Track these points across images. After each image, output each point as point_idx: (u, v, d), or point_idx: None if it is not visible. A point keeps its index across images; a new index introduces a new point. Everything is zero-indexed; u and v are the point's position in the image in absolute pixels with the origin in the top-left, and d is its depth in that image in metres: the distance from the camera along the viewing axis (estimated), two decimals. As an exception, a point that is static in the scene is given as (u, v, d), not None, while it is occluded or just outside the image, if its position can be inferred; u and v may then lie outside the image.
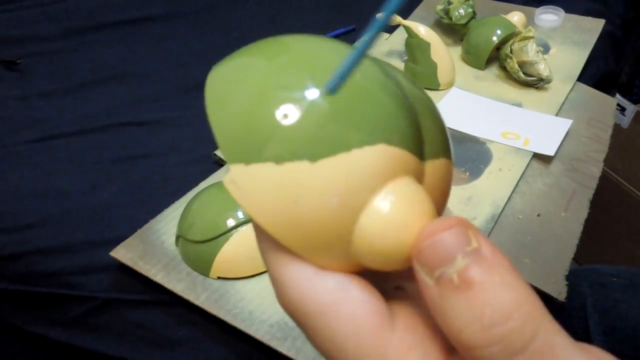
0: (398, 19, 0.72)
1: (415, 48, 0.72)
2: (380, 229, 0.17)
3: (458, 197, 0.58)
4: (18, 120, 0.70)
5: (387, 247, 0.17)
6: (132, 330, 0.49)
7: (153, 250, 0.51)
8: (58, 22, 0.88)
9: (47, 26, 0.87)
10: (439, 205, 0.21)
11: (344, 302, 0.18)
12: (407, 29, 0.71)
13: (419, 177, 0.19)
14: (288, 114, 0.17)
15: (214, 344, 0.47)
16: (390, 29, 0.85)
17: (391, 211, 0.17)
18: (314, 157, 0.17)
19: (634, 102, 1.13)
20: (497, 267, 0.16)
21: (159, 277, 0.49)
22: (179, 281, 0.49)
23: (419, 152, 0.19)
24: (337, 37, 0.86)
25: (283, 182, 0.17)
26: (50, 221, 0.56)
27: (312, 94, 0.17)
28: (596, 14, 0.87)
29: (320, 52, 0.19)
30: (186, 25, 0.90)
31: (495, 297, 0.16)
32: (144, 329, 0.49)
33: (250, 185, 0.17)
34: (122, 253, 0.51)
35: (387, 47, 0.82)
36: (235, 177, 0.17)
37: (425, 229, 0.17)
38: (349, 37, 0.86)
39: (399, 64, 0.78)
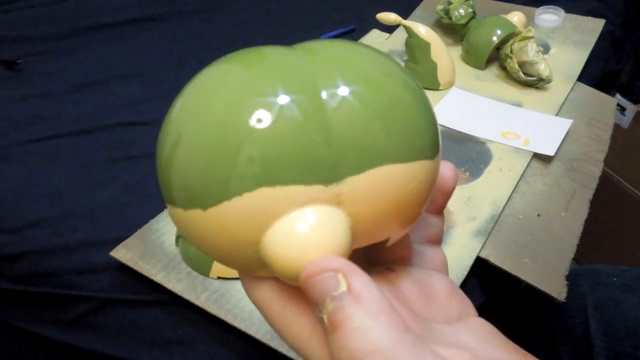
0: (398, 18, 0.72)
1: (415, 48, 0.72)
2: (272, 262, 0.19)
3: (458, 197, 0.58)
4: (18, 120, 0.70)
5: (283, 277, 0.19)
6: (132, 330, 0.49)
7: (153, 250, 0.51)
8: (58, 22, 0.88)
9: (47, 26, 0.87)
10: (389, 211, 0.20)
11: (276, 301, 0.21)
12: (407, 29, 0.71)
13: (331, 200, 0.19)
14: (179, 166, 0.20)
15: (214, 344, 0.47)
16: (390, 29, 0.85)
17: (277, 248, 0.19)
18: (204, 206, 0.19)
19: (634, 102, 1.13)
20: (360, 311, 0.18)
21: (159, 277, 0.49)
22: (179, 281, 0.49)
23: (323, 177, 0.19)
24: (337, 37, 0.86)
25: (190, 224, 0.20)
26: (50, 221, 0.56)
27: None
28: (596, 14, 0.87)
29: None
30: (186, 25, 0.90)
31: (350, 343, 0.17)
32: (144, 329, 0.49)
33: (175, 221, 0.21)
34: (122, 253, 0.51)
35: (387, 47, 0.82)
36: (170, 212, 0.21)
37: (305, 272, 0.18)
38: (348, 37, 0.86)
39: (399, 64, 0.78)
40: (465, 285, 0.50)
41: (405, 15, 0.76)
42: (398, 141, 0.20)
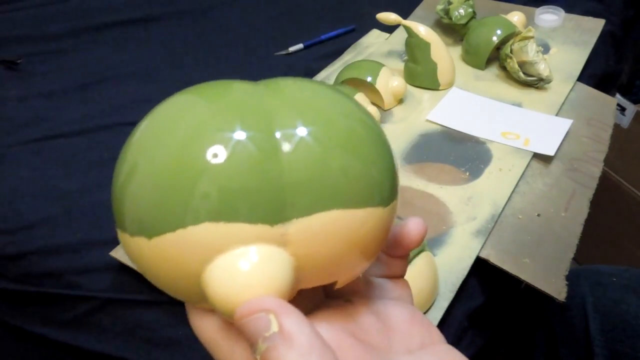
0: (398, 18, 0.72)
1: (415, 48, 0.72)
2: (211, 296, 0.19)
3: (458, 197, 0.58)
4: (18, 120, 0.70)
5: (222, 312, 0.19)
6: (132, 330, 0.49)
7: (153, 250, 0.51)
8: (58, 22, 0.88)
9: (47, 26, 0.87)
10: (337, 255, 0.20)
11: (224, 340, 0.22)
12: (407, 29, 0.71)
13: (276, 240, 0.19)
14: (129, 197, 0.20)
15: (214, 344, 0.47)
16: (390, 29, 0.85)
17: (216, 283, 0.19)
18: (149, 235, 0.19)
19: (634, 102, 1.13)
20: (291, 352, 0.18)
21: (160, 287, 0.49)
22: (179, 281, 0.49)
23: (269, 217, 0.19)
24: (337, 37, 0.86)
25: (135, 251, 0.20)
26: (50, 221, 0.56)
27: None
28: (596, 14, 0.87)
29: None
30: (186, 25, 0.90)
31: None
32: (144, 329, 0.49)
33: (123, 246, 0.21)
34: (122, 253, 0.51)
35: (387, 47, 0.82)
36: (118, 235, 0.22)
37: (239, 310, 0.19)
38: (348, 37, 0.86)
39: (399, 64, 0.78)
40: (465, 285, 0.50)
41: (405, 15, 0.76)
42: (349, 187, 0.20)
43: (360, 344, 0.21)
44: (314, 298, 0.24)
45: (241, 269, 0.19)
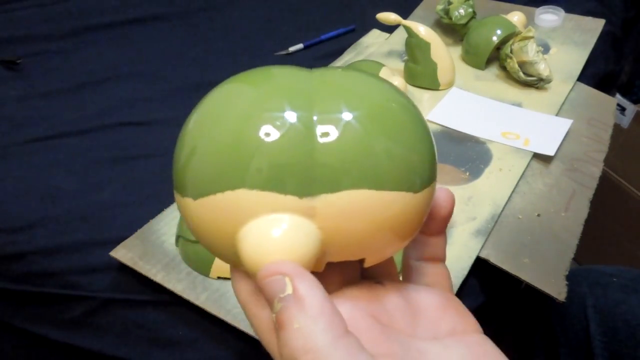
0: (398, 18, 0.72)
1: (415, 48, 0.72)
2: (242, 258, 0.21)
3: (458, 197, 0.58)
4: (18, 120, 0.70)
5: (251, 272, 0.21)
6: (132, 330, 0.49)
7: (153, 250, 0.51)
8: (58, 22, 0.88)
9: (47, 26, 0.87)
10: (361, 233, 0.21)
11: (252, 304, 0.23)
12: (407, 29, 0.71)
13: (304, 212, 0.21)
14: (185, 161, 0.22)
15: (214, 344, 0.47)
16: (390, 29, 0.85)
17: (245, 245, 0.21)
18: (195, 196, 0.22)
19: (634, 102, 1.13)
20: (301, 313, 0.19)
21: (159, 277, 0.49)
22: (179, 281, 0.49)
23: (298, 189, 0.21)
24: (337, 37, 0.86)
25: (184, 210, 0.23)
26: (50, 221, 0.56)
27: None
28: (596, 14, 0.87)
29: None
30: (186, 25, 0.90)
31: (290, 342, 0.19)
32: (144, 329, 0.49)
33: (179, 205, 0.23)
34: (122, 253, 0.51)
35: (387, 47, 0.82)
36: (175, 196, 0.23)
37: (260, 272, 0.20)
38: (348, 37, 0.86)
39: (399, 64, 0.78)
40: (465, 285, 0.50)
41: (405, 15, 0.76)
42: (379, 169, 0.21)
43: (379, 326, 0.22)
44: (348, 275, 0.25)
45: (269, 233, 0.20)
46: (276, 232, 0.20)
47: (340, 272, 0.24)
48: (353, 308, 0.22)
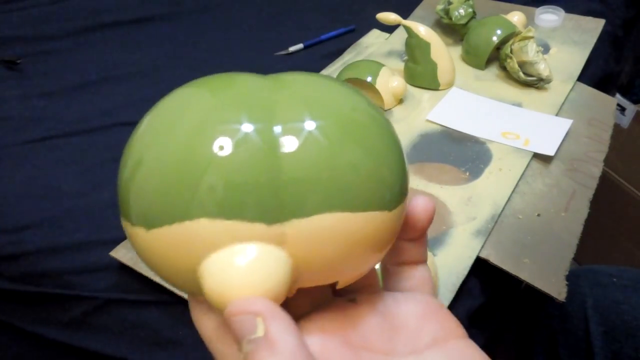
0: (398, 18, 0.72)
1: (415, 48, 0.72)
2: (205, 291, 0.19)
3: (458, 197, 0.58)
4: (18, 120, 0.70)
5: (216, 307, 0.19)
6: (132, 330, 0.49)
7: (153, 250, 0.51)
8: (58, 22, 0.88)
9: (47, 26, 0.87)
10: (336, 257, 0.20)
11: (217, 341, 0.21)
12: (407, 29, 0.71)
13: (273, 239, 0.19)
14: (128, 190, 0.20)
15: (214, 344, 0.47)
16: (390, 29, 0.85)
17: (210, 278, 0.19)
18: (148, 227, 0.19)
19: (634, 102, 1.13)
20: (273, 358, 0.18)
21: (159, 277, 0.49)
22: (179, 281, 0.49)
23: (267, 216, 0.19)
24: (337, 37, 0.86)
25: (135, 240, 0.20)
26: (50, 221, 0.56)
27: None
28: (596, 14, 0.87)
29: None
30: (186, 25, 0.90)
31: None
32: (144, 329, 0.49)
33: (126, 234, 0.21)
34: (122, 253, 0.51)
35: (387, 47, 0.82)
36: (122, 224, 0.21)
37: (228, 308, 0.19)
38: (348, 37, 0.86)
39: (399, 64, 0.78)
40: (465, 285, 0.50)
41: (405, 15, 0.76)
42: (351, 189, 0.19)
43: (352, 353, 0.21)
44: (318, 296, 0.24)
45: (236, 265, 0.19)
46: (243, 263, 0.18)
47: (309, 294, 0.23)
48: (324, 340, 0.21)
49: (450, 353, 0.23)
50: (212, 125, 0.19)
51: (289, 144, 0.19)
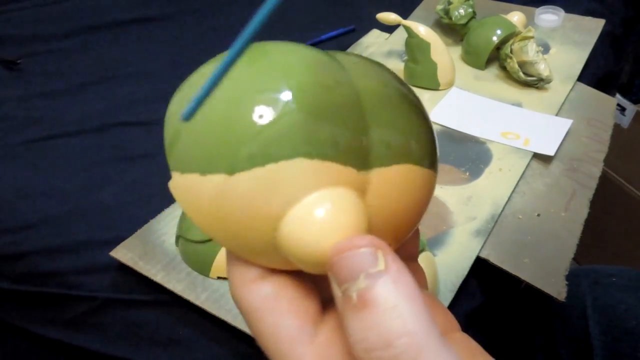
0: (398, 18, 0.72)
1: (415, 48, 0.72)
2: (296, 239, 0.18)
3: (458, 197, 0.58)
4: (18, 120, 0.70)
5: (304, 255, 0.18)
6: (132, 330, 0.49)
7: (153, 250, 0.51)
8: (58, 22, 0.88)
9: (47, 26, 0.87)
10: (401, 212, 0.20)
11: (270, 311, 0.19)
12: (407, 29, 0.71)
13: (358, 187, 0.19)
14: (208, 129, 0.19)
15: (214, 344, 0.47)
16: (390, 29, 0.85)
17: (307, 222, 0.18)
18: (231, 171, 0.18)
19: (634, 102, 1.13)
20: (396, 292, 0.17)
21: (159, 277, 0.49)
22: (179, 281, 0.49)
23: (357, 161, 0.18)
24: (337, 37, 0.86)
25: (207, 191, 0.18)
26: (50, 221, 0.56)
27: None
28: (596, 14, 0.87)
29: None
30: (186, 25, 0.90)
31: (382, 322, 0.16)
32: (144, 329, 0.49)
33: (184, 191, 0.19)
34: (122, 253, 0.51)
35: (387, 47, 0.82)
36: (174, 183, 0.19)
37: (338, 244, 0.17)
38: (348, 37, 0.86)
39: (399, 64, 0.78)
40: (465, 285, 0.50)
41: (405, 15, 0.76)
42: (419, 146, 0.21)
43: None
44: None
45: (328, 211, 0.18)
46: (336, 208, 0.18)
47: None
48: None
49: (459, 343, 0.23)
50: (252, 89, 0.19)
51: (369, 99, 0.20)
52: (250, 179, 0.18)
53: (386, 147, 0.19)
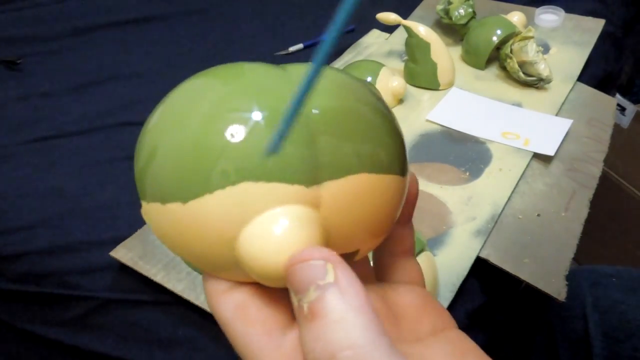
0: (398, 18, 0.72)
1: (415, 48, 0.72)
2: (252, 256, 0.19)
3: (458, 197, 0.58)
4: (18, 120, 0.70)
5: (261, 271, 0.19)
6: (132, 330, 0.49)
7: (153, 250, 0.51)
8: (58, 22, 0.88)
9: (47, 26, 0.87)
10: (363, 219, 0.21)
11: (240, 319, 0.20)
12: (407, 29, 0.71)
13: (310, 201, 0.19)
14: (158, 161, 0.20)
15: (214, 344, 0.47)
16: (390, 29, 0.85)
17: (260, 240, 0.19)
18: (184, 199, 0.19)
19: (634, 102, 1.13)
20: (343, 304, 0.17)
21: (159, 277, 0.49)
22: (179, 281, 0.49)
23: (304, 177, 0.19)
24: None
25: (167, 218, 0.20)
26: (50, 221, 0.56)
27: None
28: (596, 14, 0.87)
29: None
30: (186, 25, 0.90)
31: (327, 334, 0.17)
32: (144, 329, 0.49)
33: (150, 218, 0.21)
34: (122, 253, 0.51)
35: (387, 47, 0.82)
36: (144, 209, 0.22)
37: (291, 257, 0.18)
38: (348, 37, 0.86)
39: (399, 64, 0.78)
40: (465, 285, 0.50)
41: (405, 15, 0.76)
42: (374, 153, 0.21)
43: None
44: None
45: (281, 227, 0.19)
46: (288, 225, 0.19)
47: None
48: None
49: (452, 340, 0.23)
50: (223, 109, 0.20)
51: (315, 116, 0.20)
52: (202, 206, 0.19)
53: (337, 160, 0.20)
